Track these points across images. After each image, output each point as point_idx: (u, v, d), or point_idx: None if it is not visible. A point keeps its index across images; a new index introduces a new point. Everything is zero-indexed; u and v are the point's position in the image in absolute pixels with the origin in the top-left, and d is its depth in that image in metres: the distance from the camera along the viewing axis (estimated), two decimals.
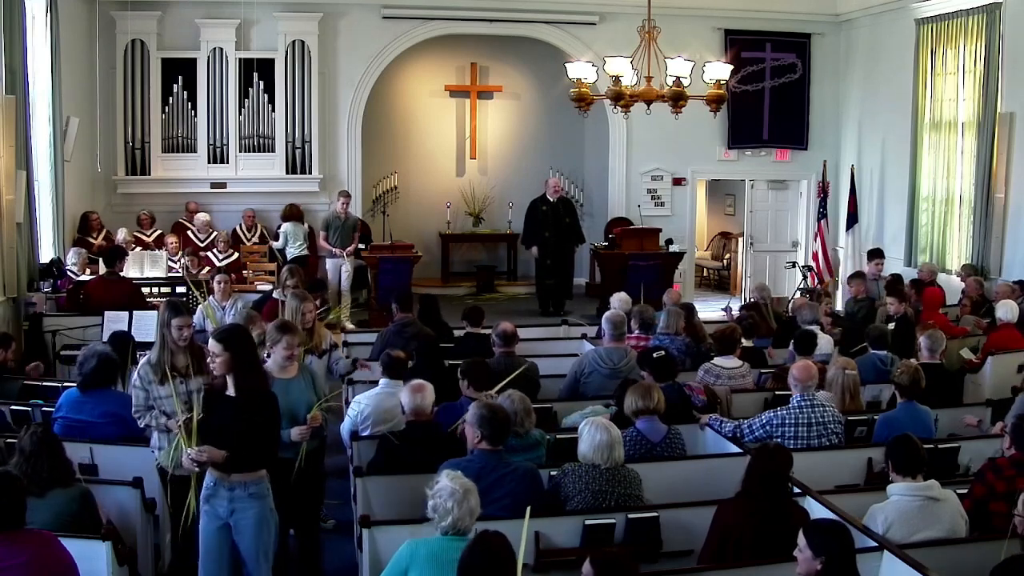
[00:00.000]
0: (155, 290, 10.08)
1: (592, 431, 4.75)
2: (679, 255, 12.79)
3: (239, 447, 4.37)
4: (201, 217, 12.36)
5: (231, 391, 4.46)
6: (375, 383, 6.20)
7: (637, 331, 7.88)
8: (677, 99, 8.56)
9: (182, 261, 10.91)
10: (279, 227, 12.43)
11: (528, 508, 3.66)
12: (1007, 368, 7.99)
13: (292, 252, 11.97)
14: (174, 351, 5.15)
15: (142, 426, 5.17)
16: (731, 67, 9.28)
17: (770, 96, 14.02)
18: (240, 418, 4.37)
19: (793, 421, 5.76)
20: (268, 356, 5.40)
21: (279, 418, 4.63)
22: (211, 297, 8.36)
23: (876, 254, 11.37)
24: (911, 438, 4.68)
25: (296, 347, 5.40)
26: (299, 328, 5.86)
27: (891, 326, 8.52)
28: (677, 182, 14.14)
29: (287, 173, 13.04)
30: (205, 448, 4.34)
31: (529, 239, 13.00)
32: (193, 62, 12.74)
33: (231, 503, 4.41)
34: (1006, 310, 8.76)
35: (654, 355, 6.30)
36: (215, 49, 12.76)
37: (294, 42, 12.91)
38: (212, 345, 4.43)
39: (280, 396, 4.73)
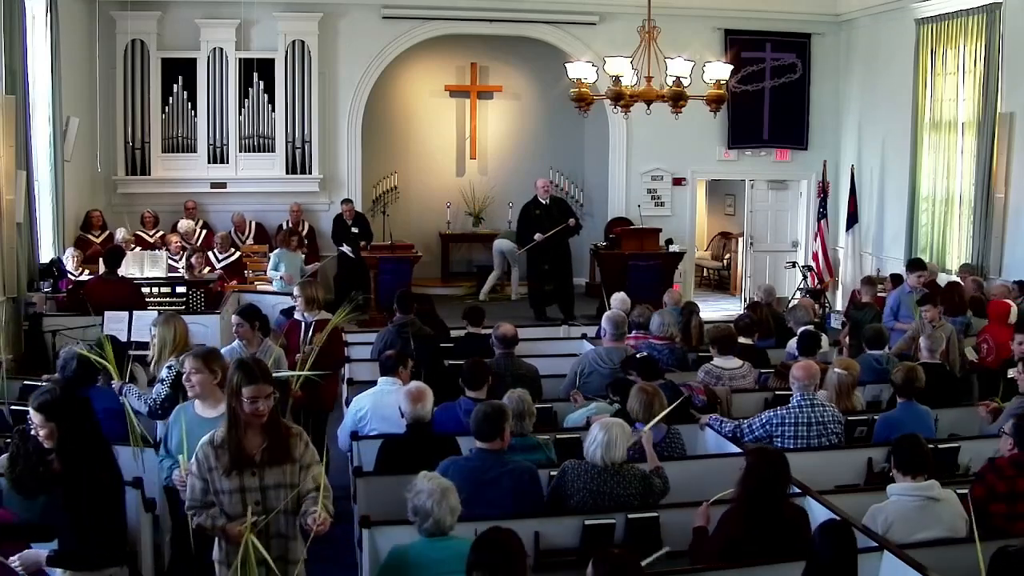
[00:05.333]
0: (155, 290, 10.08)
1: (594, 430, 4.78)
2: (679, 255, 12.77)
3: (65, 540, 3.65)
4: (184, 224, 12.13)
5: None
6: (373, 383, 6.21)
7: (635, 331, 7.88)
8: (677, 99, 8.55)
9: (183, 262, 10.88)
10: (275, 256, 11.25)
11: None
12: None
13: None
14: (247, 429, 3.80)
15: (195, 525, 3.91)
16: (731, 67, 9.26)
17: (770, 96, 14.01)
18: (66, 504, 3.61)
19: (793, 421, 5.77)
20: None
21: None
22: (236, 343, 6.36)
23: (917, 265, 9.68)
24: (918, 438, 4.68)
25: None
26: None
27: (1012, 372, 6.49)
28: (677, 182, 14.13)
29: (287, 173, 13.05)
30: (19, 555, 3.65)
31: (523, 242, 12.67)
32: (193, 62, 12.76)
33: None
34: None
35: (637, 355, 6.46)
36: (215, 49, 12.77)
37: (294, 42, 12.92)
38: (32, 414, 3.67)
39: None
